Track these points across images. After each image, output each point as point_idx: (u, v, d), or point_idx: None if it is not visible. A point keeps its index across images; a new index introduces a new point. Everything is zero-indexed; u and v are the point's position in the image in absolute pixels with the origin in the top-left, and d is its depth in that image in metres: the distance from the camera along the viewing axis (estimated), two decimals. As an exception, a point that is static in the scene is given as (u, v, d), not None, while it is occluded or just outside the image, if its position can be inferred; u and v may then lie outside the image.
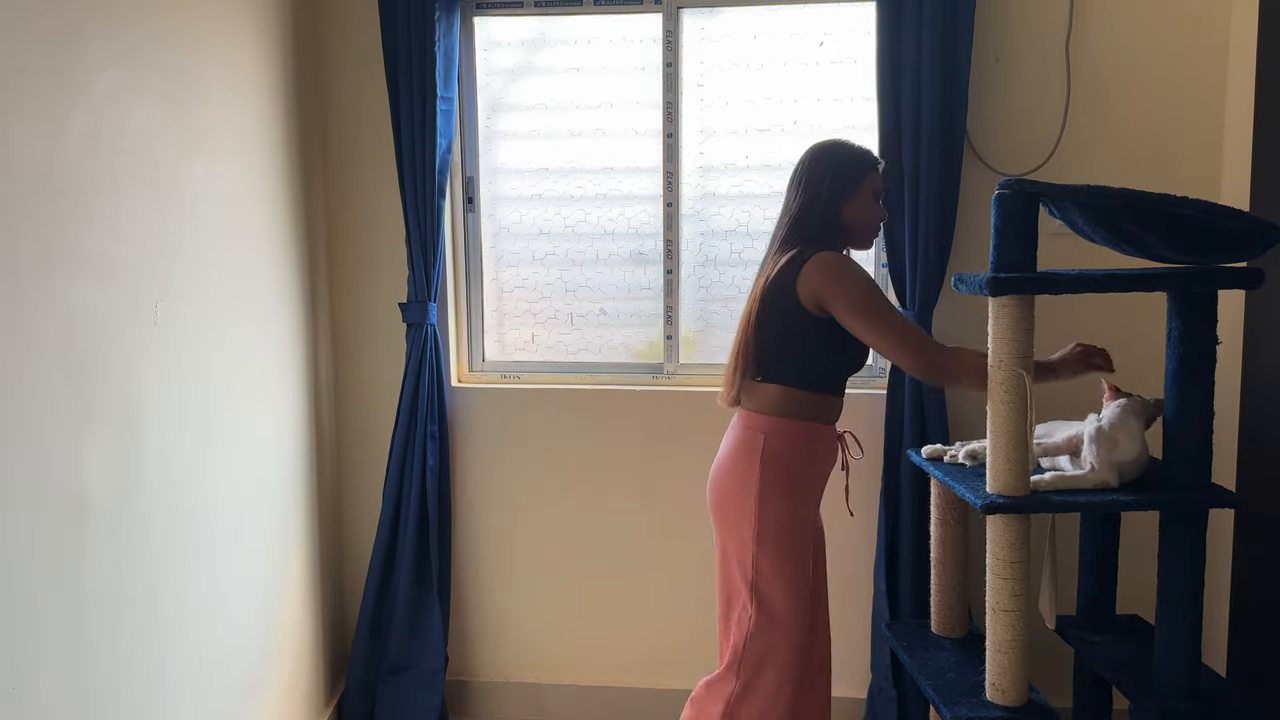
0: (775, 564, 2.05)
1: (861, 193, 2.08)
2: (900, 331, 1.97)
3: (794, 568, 2.06)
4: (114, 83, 1.80)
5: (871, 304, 1.97)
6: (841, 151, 2.10)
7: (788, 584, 2.05)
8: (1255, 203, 2.40)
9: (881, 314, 1.97)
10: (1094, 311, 2.58)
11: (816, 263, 1.99)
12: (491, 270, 2.92)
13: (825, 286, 1.97)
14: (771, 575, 2.05)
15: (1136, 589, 2.38)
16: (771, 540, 2.04)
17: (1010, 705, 1.93)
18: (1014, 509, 1.87)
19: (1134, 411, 1.97)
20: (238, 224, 2.29)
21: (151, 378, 1.92)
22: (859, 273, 2.01)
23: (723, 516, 2.12)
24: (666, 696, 2.85)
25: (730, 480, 2.09)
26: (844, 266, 2.00)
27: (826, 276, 1.97)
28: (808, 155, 2.12)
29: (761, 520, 2.04)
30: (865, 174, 2.08)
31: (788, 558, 2.05)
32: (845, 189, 2.07)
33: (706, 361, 2.87)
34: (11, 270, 1.54)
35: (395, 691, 2.77)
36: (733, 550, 2.11)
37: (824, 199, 2.06)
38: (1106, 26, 2.57)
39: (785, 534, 2.05)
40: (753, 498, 2.04)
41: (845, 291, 1.97)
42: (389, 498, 2.76)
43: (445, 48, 2.63)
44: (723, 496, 2.11)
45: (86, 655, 1.72)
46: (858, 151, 2.10)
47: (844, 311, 1.97)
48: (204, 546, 2.13)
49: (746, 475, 2.05)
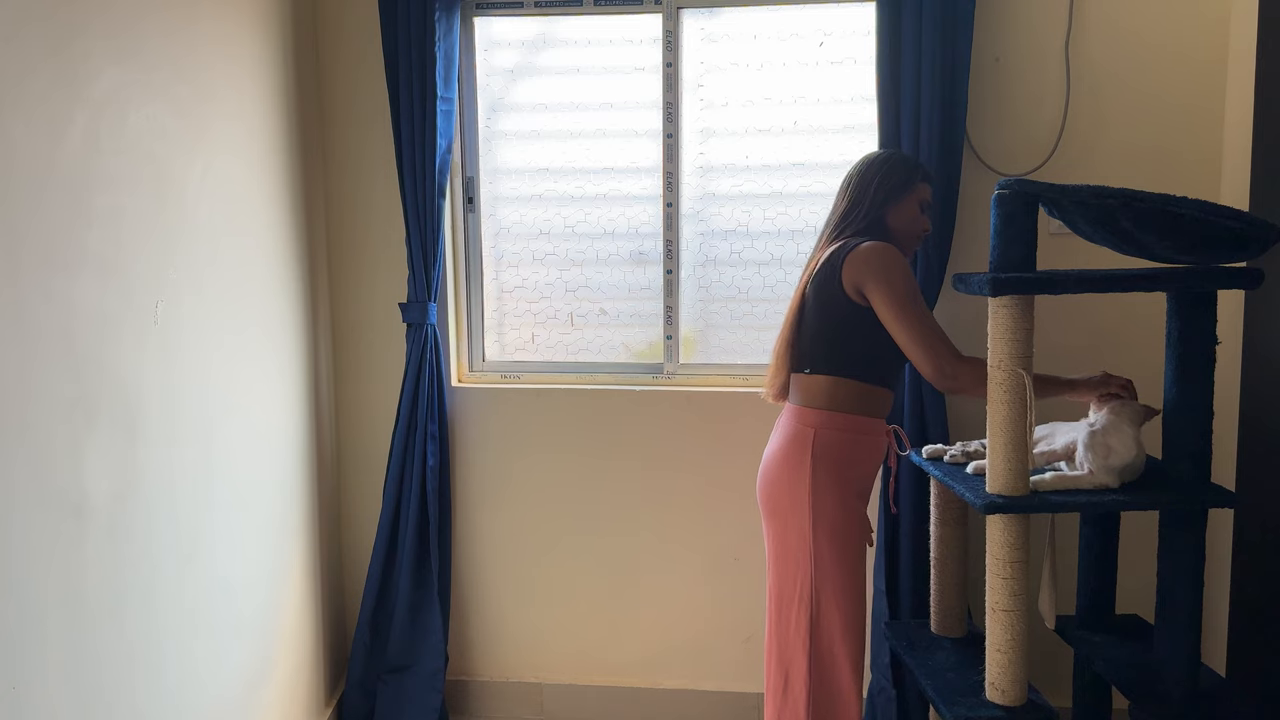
0: (835, 558, 2.07)
1: (907, 199, 2.12)
2: (928, 333, 1.97)
3: (853, 562, 2.08)
4: (114, 82, 1.80)
5: (907, 296, 1.98)
6: (893, 158, 2.16)
7: (849, 577, 2.07)
8: (1255, 203, 2.40)
9: (914, 309, 1.98)
10: (1094, 311, 2.58)
11: (863, 249, 2.02)
12: (491, 270, 2.92)
13: (867, 271, 1.99)
14: (833, 567, 2.06)
15: (1136, 589, 2.39)
16: (827, 535, 2.06)
17: (1010, 705, 1.93)
18: (1014, 509, 1.87)
19: (1124, 416, 1.96)
20: (238, 224, 2.29)
21: (151, 377, 1.92)
22: (903, 264, 2.02)
23: (774, 510, 2.13)
24: (667, 696, 2.86)
25: (782, 474, 2.10)
26: (889, 254, 2.01)
27: (869, 262, 2.00)
28: (861, 160, 2.17)
29: (817, 514, 2.06)
30: (914, 181, 2.13)
31: (846, 552, 2.07)
32: (893, 193, 2.11)
33: (706, 361, 2.87)
34: (12, 269, 1.54)
35: (395, 691, 2.77)
36: (792, 544, 2.11)
37: (870, 201, 2.11)
38: (1106, 27, 2.57)
39: (841, 529, 2.07)
40: (806, 492, 2.06)
41: (887, 279, 1.98)
42: (389, 498, 2.76)
43: (445, 48, 2.63)
44: (775, 491, 2.12)
45: (86, 655, 1.72)
46: (910, 160, 2.17)
47: (879, 298, 1.99)
48: (204, 546, 2.13)
49: (799, 469, 2.07)
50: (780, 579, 2.15)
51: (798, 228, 2.79)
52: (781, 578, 2.15)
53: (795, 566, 2.11)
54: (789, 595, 2.13)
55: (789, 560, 2.12)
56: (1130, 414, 1.96)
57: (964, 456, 2.19)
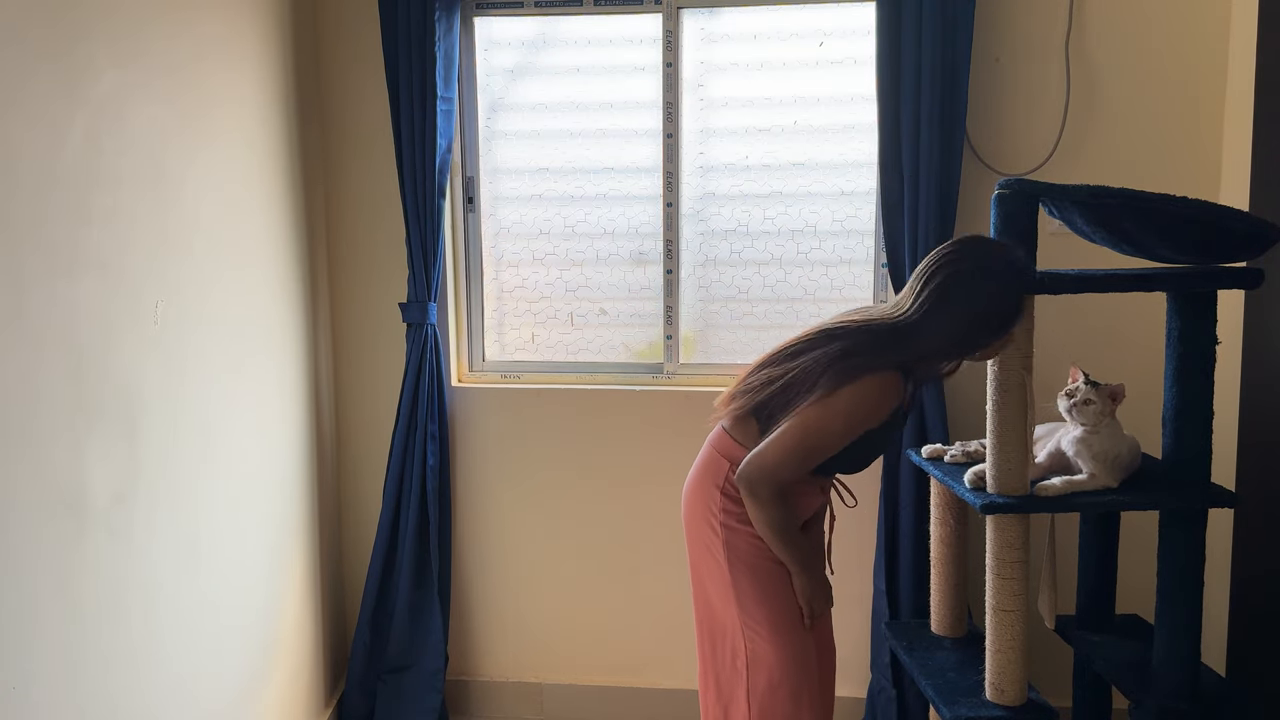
0: (755, 588, 1.89)
1: (993, 346, 1.81)
2: (788, 457, 1.78)
3: (775, 589, 1.90)
4: (115, 84, 1.80)
5: (839, 428, 1.77)
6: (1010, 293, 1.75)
7: (773, 606, 1.90)
8: (1255, 203, 2.40)
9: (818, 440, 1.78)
10: (1094, 311, 2.58)
11: (874, 382, 1.76)
12: (491, 270, 2.92)
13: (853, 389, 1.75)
14: (755, 602, 1.89)
15: (1136, 589, 2.38)
16: (742, 564, 1.89)
17: (1010, 705, 1.93)
18: (1014, 509, 1.87)
19: (1100, 410, 1.95)
20: (238, 224, 2.29)
21: (152, 377, 1.92)
22: (883, 409, 1.78)
23: (689, 531, 1.99)
24: (667, 696, 2.86)
25: (696, 499, 1.96)
26: (889, 393, 1.77)
27: (865, 388, 1.75)
28: (974, 268, 1.75)
29: (729, 546, 1.90)
30: (1013, 327, 1.78)
31: (767, 582, 1.89)
32: (983, 340, 1.78)
33: (706, 361, 2.87)
34: (13, 270, 1.54)
35: (395, 691, 2.77)
36: (708, 576, 1.95)
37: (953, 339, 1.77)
38: (1106, 27, 2.57)
39: (756, 559, 1.89)
40: (718, 522, 1.91)
41: (855, 404, 1.75)
42: (389, 498, 2.76)
43: (445, 48, 2.63)
44: (692, 512, 1.98)
45: (86, 655, 1.72)
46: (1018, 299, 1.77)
47: (829, 400, 1.75)
48: (204, 546, 2.13)
49: (709, 499, 1.92)
50: (707, 606, 1.98)
51: (798, 228, 2.78)
52: (708, 605, 1.97)
53: (718, 599, 1.93)
54: (719, 628, 1.95)
55: (711, 590, 1.95)
56: (1103, 405, 1.95)
57: (964, 456, 2.19)
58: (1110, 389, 1.95)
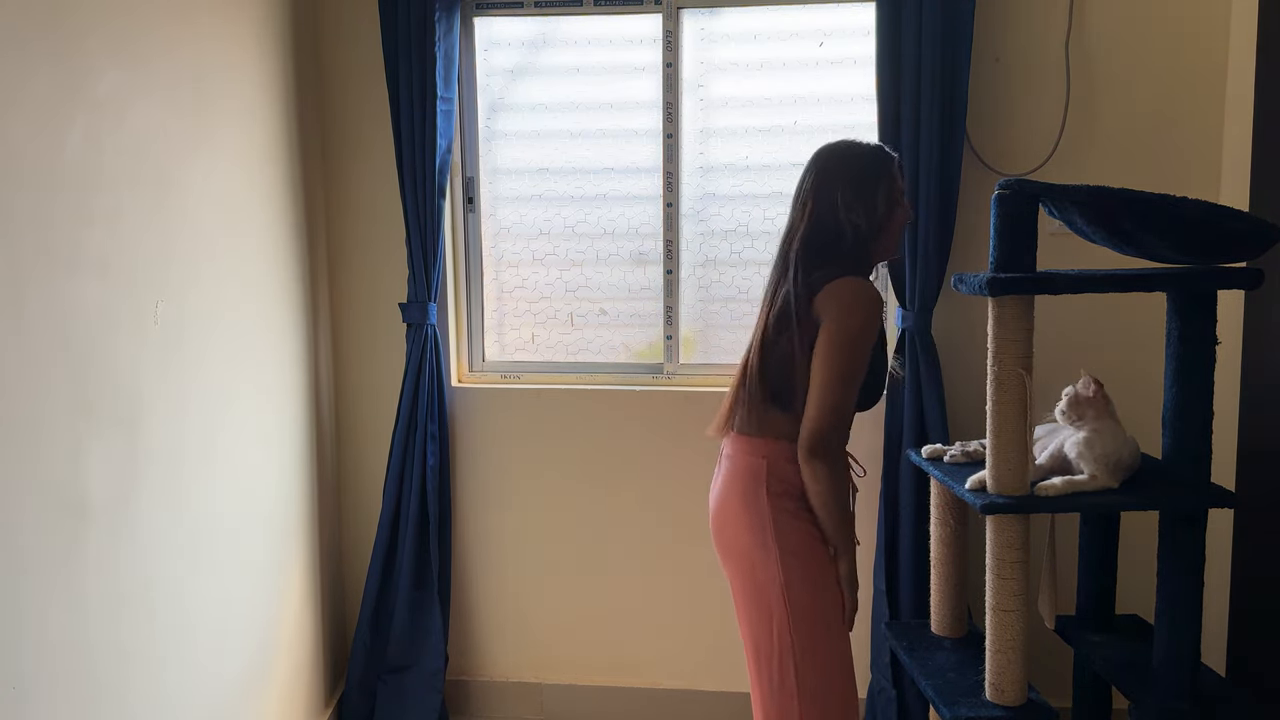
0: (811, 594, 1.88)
1: (879, 200, 1.87)
2: (840, 398, 1.80)
3: (827, 584, 1.90)
4: (115, 84, 1.80)
5: (853, 350, 1.80)
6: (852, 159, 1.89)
7: (825, 605, 1.89)
8: (1255, 203, 2.40)
9: (848, 367, 1.80)
10: (1094, 311, 2.58)
11: (840, 287, 1.81)
12: (491, 270, 2.92)
13: (833, 309, 1.80)
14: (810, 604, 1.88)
15: (1136, 589, 2.38)
16: (796, 560, 1.87)
17: (1010, 705, 1.93)
18: (1014, 509, 1.87)
19: (1101, 412, 1.95)
20: (238, 224, 2.30)
21: (152, 377, 1.93)
22: (872, 311, 1.82)
23: (730, 550, 1.95)
24: (667, 696, 2.86)
25: (738, 511, 1.92)
26: (864, 295, 1.82)
27: (840, 300, 1.80)
28: (814, 165, 1.92)
29: (781, 543, 1.87)
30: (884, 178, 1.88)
31: (819, 576, 1.89)
32: (865, 202, 1.86)
33: (706, 362, 2.87)
34: (12, 270, 1.55)
35: (395, 691, 2.77)
36: (761, 583, 1.90)
37: (840, 216, 1.86)
38: (1106, 27, 2.57)
39: (810, 552, 1.88)
40: (769, 522, 1.87)
41: (846, 321, 1.79)
42: (389, 498, 2.76)
43: (445, 48, 2.63)
44: (734, 529, 1.93)
45: (86, 655, 1.72)
46: (870, 154, 1.89)
47: (826, 334, 1.80)
48: (204, 546, 2.13)
49: (755, 503, 1.89)
50: (754, 627, 1.94)
51: (798, 228, 2.78)
52: (755, 625, 1.93)
53: (768, 611, 1.90)
54: (765, 647, 1.91)
55: (760, 605, 1.91)
56: (1099, 408, 1.95)
57: (964, 456, 2.19)
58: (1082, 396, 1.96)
